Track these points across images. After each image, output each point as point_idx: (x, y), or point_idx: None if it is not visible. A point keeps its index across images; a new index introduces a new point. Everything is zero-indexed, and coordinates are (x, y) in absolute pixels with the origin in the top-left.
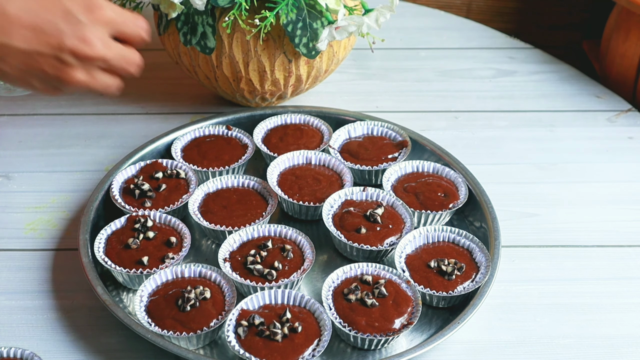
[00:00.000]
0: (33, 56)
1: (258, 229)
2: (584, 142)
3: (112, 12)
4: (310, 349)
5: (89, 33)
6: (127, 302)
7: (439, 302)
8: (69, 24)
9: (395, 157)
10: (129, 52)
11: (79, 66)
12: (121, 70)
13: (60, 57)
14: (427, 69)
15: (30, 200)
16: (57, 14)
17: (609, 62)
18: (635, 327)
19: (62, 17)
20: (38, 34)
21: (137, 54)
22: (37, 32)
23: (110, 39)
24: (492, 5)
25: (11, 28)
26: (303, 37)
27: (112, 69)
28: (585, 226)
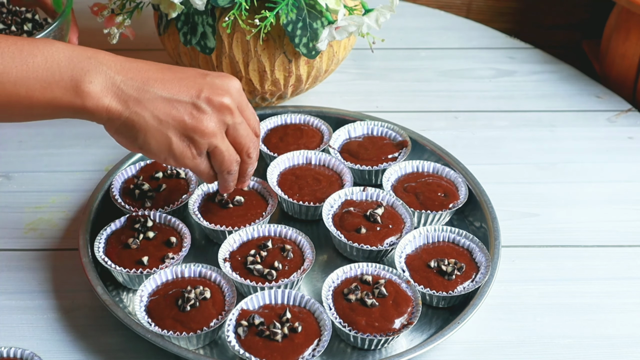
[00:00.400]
0: (173, 103)
1: (258, 229)
2: (584, 142)
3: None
4: (310, 349)
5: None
6: (127, 302)
7: (439, 302)
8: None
9: (395, 157)
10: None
11: (212, 114)
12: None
13: (197, 104)
14: (427, 69)
15: (30, 200)
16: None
17: (609, 62)
18: (635, 327)
19: (199, 75)
20: (179, 84)
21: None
22: (178, 83)
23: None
24: (492, 5)
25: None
26: (303, 37)
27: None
28: (585, 226)
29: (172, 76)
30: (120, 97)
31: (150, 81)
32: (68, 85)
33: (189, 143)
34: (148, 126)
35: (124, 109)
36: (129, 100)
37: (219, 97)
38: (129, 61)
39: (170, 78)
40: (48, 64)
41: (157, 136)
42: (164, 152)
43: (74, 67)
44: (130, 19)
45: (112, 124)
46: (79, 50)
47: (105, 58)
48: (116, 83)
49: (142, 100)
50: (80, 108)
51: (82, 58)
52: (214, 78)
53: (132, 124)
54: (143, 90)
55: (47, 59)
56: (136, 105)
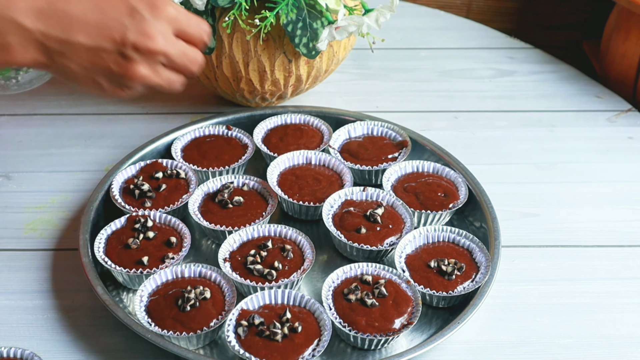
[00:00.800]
0: (97, 52)
1: (258, 229)
2: (584, 142)
3: (175, 11)
4: (310, 349)
5: (151, 28)
6: (127, 302)
7: (439, 302)
8: (133, 19)
9: (395, 157)
10: (190, 50)
11: (142, 61)
12: (183, 67)
13: (124, 52)
14: (427, 69)
15: (30, 200)
16: (121, 11)
17: (609, 62)
18: (635, 327)
19: (126, 14)
20: (102, 29)
21: (199, 52)
22: (101, 28)
23: (173, 36)
24: (492, 5)
25: (75, 25)
26: (303, 37)
27: (175, 65)
28: (585, 226)
29: (96, 18)
30: (43, 51)
31: (73, 27)
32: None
33: (119, 85)
34: (76, 74)
35: (49, 61)
36: (53, 54)
37: (146, 41)
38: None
39: (93, 20)
40: None
41: (86, 81)
42: (97, 93)
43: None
44: None
45: (42, 69)
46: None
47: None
48: (37, 38)
49: (65, 52)
50: (6, 63)
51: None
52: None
53: (61, 72)
54: (65, 42)
55: None
56: (61, 57)
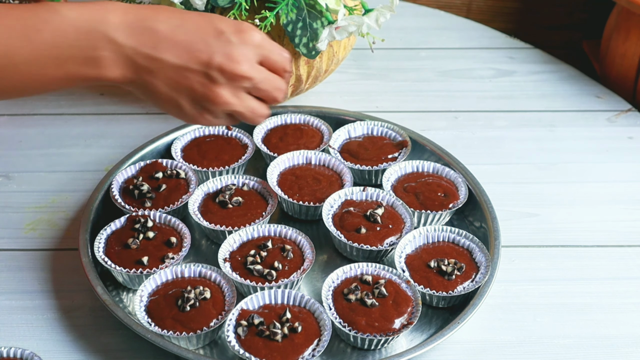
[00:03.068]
0: (183, 72)
1: (258, 229)
2: (584, 142)
3: (260, 37)
4: (310, 349)
5: (237, 52)
6: (127, 302)
7: (439, 302)
8: (219, 42)
9: (395, 157)
10: (274, 77)
11: (226, 84)
12: (267, 95)
13: (209, 74)
14: (427, 69)
15: (30, 200)
16: (208, 33)
17: (609, 62)
18: (635, 327)
19: (213, 36)
20: (189, 49)
21: (282, 81)
22: (188, 48)
23: (257, 63)
24: (492, 5)
25: (163, 43)
26: (303, 37)
27: (258, 92)
28: (585, 226)
29: (184, 38)
30: (132, 67)
31: (162, 45)
32: (80, 61)
33: (201, 109)
34: (160, 93)
35: (136, 77)
36: (140, 70)
37: (232, 65)
38: (140, 19)
39: (182, 40)
40: (57, 40)
41: (168, 101)
42: (175, 115)
43: (82, 40)
44: None
45: (125, 86)
46: (86, 15)
47: (115, 21)
48: (127, 54)
49: (153, 69)
50: (95, 79)
51: (90, 27)
52: (230, 36)
53: (144, 90)
54: (154, 59)
55: (55, 34)
56: (147, 75)
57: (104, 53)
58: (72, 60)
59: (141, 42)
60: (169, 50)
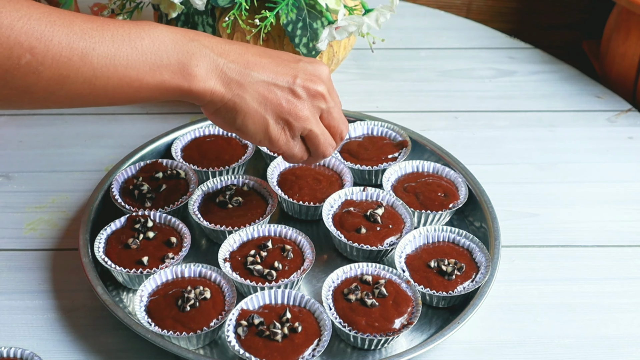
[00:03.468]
0: (271, 87)
1: (258, 229)
2: (584, 142)
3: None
4: (310, 349)
5: (316, 74)
6: (127, 302)
7: (439, 302)
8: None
9: (395, 157)
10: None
11: (307, 101)
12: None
13: (294, 90)
14: (427, 69)
15: (30, 200)
16: (289, 59)
17: (609, 62)
18: (635, 327)
19: (293, 61)
20: (276, 69)
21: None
22: (275, 69)
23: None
24: (492, 5)
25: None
26: (303, 37)
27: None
28: (585, 226)
29: (269, 60)
30: (224, 80)
31: (250, 64)
32: (176, 69)
33: (284, 126)
34: (248, 108)
35: (227, 91)
36: (232, 83)
37: (313, 84)
38: (228, 43)
39: (267, 62)
40: (155, 47)
41: (255, 118)
42: (260, 134)
43: (179, 50)
44: (130, 18)
45: (213, 105)
46: (182, 33)
47: (207, 40)
48: (219, 66)
49: (243, 83)
50: (187, 90)
51: (186, 40)
52: (307, 64)
53: (234, 105)
54: (244, 74)
55: (154, 42)
56: (238, 88)
57: (199, 64)
58: (168, 69)
59: (232, 59)
60: (258, 68)
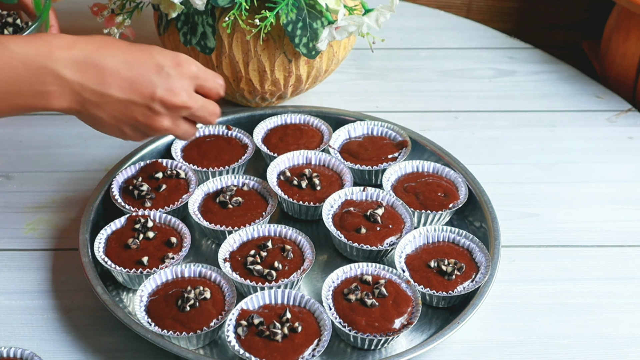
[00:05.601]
0: (128, 105)
1: (258, 229)
2: (584, 142)
3: (196, 68)
4: (310, 349)
5: (176, 85)
6: (127, 302)
7: (439, 302)
8: (160, 77)
9: (395, 157)
10: (209, 104)
11: (166, 114)
12: (203, 120)
13: (151, 107)
14: (427, 69)
15: (30, 200)
16: (150, 68)
17: (609, 62)
18: (635, 327)
19: (155, 71)
20: (133, 85)
21: (216, 106)
22: (133, 83)
23: (194, 92)
24: (492, 5)
25: (109, 79)
26: (303, 37)
27: (195, 118)
28: (585, 226)
29: (128, 74)
30: (79, 101)
31: (107, 81)
32: (28, 95)
33: (142, 134)
34: (104, 122)
35: (82, 109)
36: (87, 103)
37: (173, 97)
38: (86, 55)
39: (127, 77)
40: (5, 76)
41: (112, 129)
42: (119, 138)
43: (31, 75)
44: (130, 19)
45: (73, 114)
46: (34, 51)
47: (62, 57)
48: (75, 89)
49: (99, 103)
50: (41, 109)
51: (39, 63)
52: (170, 70)
53: (90, 118)
54: (100, 94)
55: (3, 71)
56: (93, 108)
57: (52, 88)
58: (20, 94)
59: (88, 78)
60: (115, 86)
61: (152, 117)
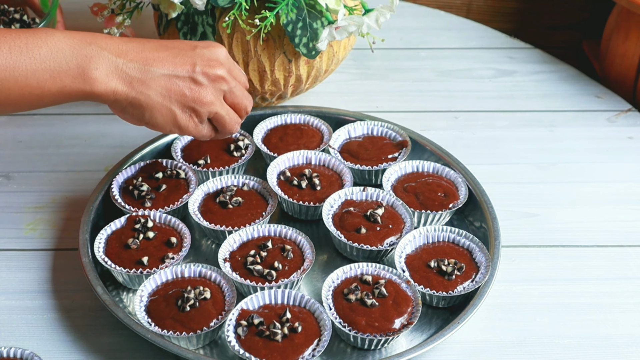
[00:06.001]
0: (173, 79)
1: (258, 229)
2: (584, 142)
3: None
4: (310, 349)
5: (213, 58)
6: (127, 302)
7: (439, 302)
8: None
9: (395, 157)
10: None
11: (209, 86)
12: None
13: (195, 78)
14: (427, 69)
15: (30, 200)
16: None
17: (609, 62)
18: (635, 327)
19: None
20: (174, 59)
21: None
22: (174, 59)
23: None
24: (492, 5)
25: (151, 58)
26: (303, 37)
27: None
28: (585, 226)
29: (167, 53)
30: (125, 79)
31: (149, 60)
32: (75, 73)
33: (190, 113)
34: (153, 103)
35: (129, 89)
36: (133, 81)
37: (212, 69)
38: (126, 42)
39: (165, 56)
40: (54, 55)
41: (162, 111)
42: (169, 124)
43: (77, 55)
44: (130, 19)
45: (118, 104)
46: (79, 37)
47: (104, 42)
48: (119, 66)
49: (145, 80)
50: (89, 93)
51: (84, 45)
52: (203, 49)
53: (139, 102)
54: (144, 70)
55: (52, 50)
56: (140, 85)
57: (98, 66)
58: (68, 74)
59: (131, 58)
60: (157, 62)
61: (197, 90)
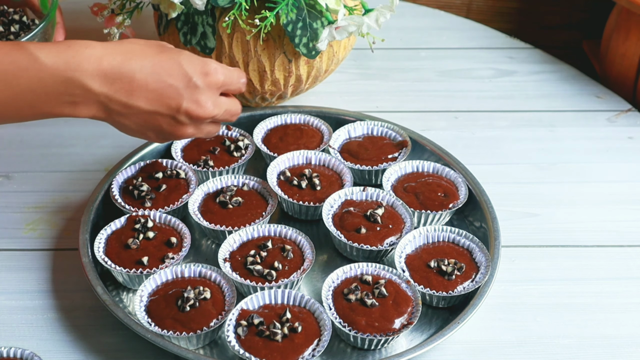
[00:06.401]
0: (153, 115)
1: (258, 229)
2: (584, 142)
3: (223, 77)
4: (310, 349)
5: (203, 97)
6: (127, 302)
7: (439, 302)
8: (187, 88)
9: (395, 157)
10: (233, 105)
11: (190, 124)
12: (224, 121)
13: (177, 117)
14: (427, 69)
15: (30, 200)
16: (178, 79)
17: (609, 62)
18: (635, 327)
19: (182, 82)
20: (160, 97)
21: (238, 105)
22: (160, 95)
23: (219, 99)
24: (492, 5)
25: (136, 91)
26: (303, 37)
27: (216, 120)
28: (585, 226)
29: (156, 86)
30: (105, 111)
31: (135, 93)
32: (55, 104)
33: (165, 139)
34: (129, 128)
35: (108, 118)
36: (113, 113)
37: (198, 110)
38: (114, 66)
39: (154, 88)
40: (33, 86)
41: (136, 134)
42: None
43: (60, 88)
44: (130, 19)
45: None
46: (63, 63)
47: (90, 69)
48: (102, 101)
49: (125, 114)
50: (67, 116)
51: (67, 76)
52: (197, 80)
53: (115, 125)
54: (126, 105)
55: (32, 81)
56: (119, 117)
57: (79, 99)
58: (47, 104)
59: (115, 90)
60: (142, 98)
61: (177, 127)
